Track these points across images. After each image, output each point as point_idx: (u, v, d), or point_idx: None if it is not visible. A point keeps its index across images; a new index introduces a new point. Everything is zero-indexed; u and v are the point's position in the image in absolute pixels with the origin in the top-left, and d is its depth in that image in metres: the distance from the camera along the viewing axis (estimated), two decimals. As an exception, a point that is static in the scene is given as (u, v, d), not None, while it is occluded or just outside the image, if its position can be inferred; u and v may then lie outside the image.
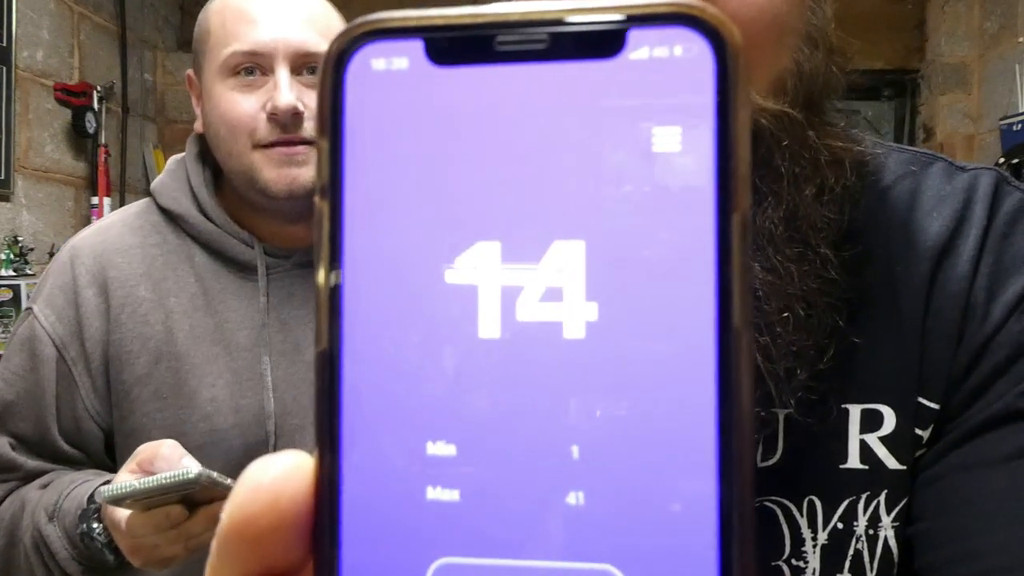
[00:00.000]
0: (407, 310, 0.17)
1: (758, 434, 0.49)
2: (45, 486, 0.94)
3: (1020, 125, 2.24)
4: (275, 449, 0.96)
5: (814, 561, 0.50)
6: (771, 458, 0.50)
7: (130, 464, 0.79)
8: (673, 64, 0.16)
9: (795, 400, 0.47)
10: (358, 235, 0.17)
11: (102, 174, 2.40)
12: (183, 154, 1.03)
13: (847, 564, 0.50)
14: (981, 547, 0.45)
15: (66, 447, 0.95)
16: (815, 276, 0.46)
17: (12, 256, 2.03)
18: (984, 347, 0.47)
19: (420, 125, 0.17)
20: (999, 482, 0.45)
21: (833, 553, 0.49)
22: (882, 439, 0.49)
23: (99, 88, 2.38)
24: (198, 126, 0.99)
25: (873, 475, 0.49)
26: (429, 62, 0.17)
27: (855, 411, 0.49)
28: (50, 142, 2.24)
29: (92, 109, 2.34)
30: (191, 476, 0.68)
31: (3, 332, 1.97)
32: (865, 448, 0.49)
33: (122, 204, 2.53)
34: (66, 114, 2.28)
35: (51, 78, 2.22)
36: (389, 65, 0.17)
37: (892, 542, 0.49)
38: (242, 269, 0.98)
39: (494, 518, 0.17)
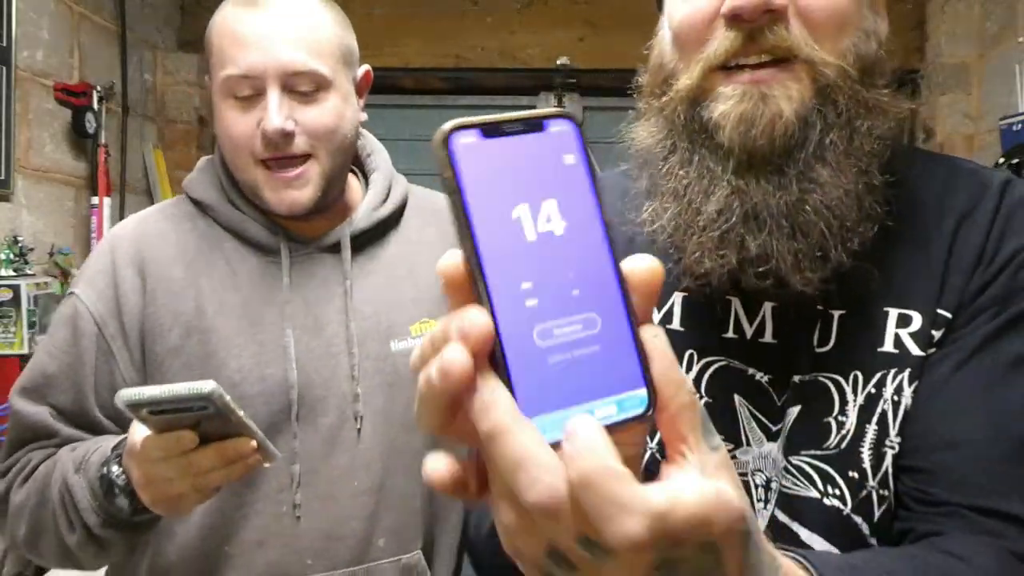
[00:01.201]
0: (508, 261, 0.36)
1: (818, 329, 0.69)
2: (75, 448, 0.98)
3: (1020, 125, 2.24)
4: (297, 418, 1.02)
5: (852, 416, 0.67)
6: (826, 345, 0.69)
7: None
8: (561, 132, 0.39)
9: (844, 304, 0.68)
10: (479, 220, 0.36)
11: (102, 174, 2.40)
12: (213, 155, 1.11)
13: (875, 419, 0.67)
14: (956, 435, 0.63)
15: (102, 418, 1.00)
16: (864, 182, 0.66)
17: (12, 256, 2.03)
18: (987, 284, 0.67)
19: (481, 163, 0.37)
20: (967, 377, 0.64)
21: (866, 411, 0.67)
22: (911, 334, 0.67)
23: (99, 88, 2.38)
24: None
25: (901, 357, 0.67)
26: (481, 136, 0.37)
27: (893, 313, 0.68)
28: (50, 142, 2.24)
29: (92, 109, 2.34)
30: (206, 390, 0.71)
31: (3, 332, 1.97)
32: (897, 339, 0.68)
33: (122, 204, 2.53)
34: (66, 114, 2.28)
35: (51, 78, 2.22)
36: (467, 139, 0.37)
37: (911, 408, 0.66)
38: (267, 253, 1.05)
39: (559, 308, 0.37)
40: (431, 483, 0.38)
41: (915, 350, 0.66)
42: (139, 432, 0.80)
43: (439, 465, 0.38)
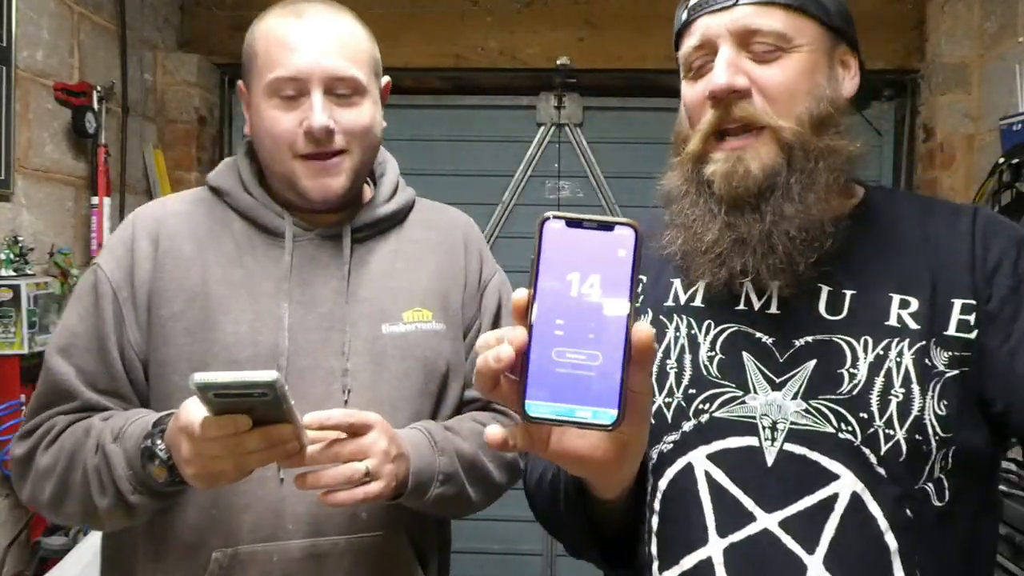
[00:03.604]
0: (552, 303, 0.57)
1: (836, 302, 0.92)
2: (107, 419, 1.04)
3: (1020, 125, 2.24)
4: (285, 383, 1.04)
5: (863, 370, 0.88)
6: (839, 315, 0.91)
7: None
8: (623, 234, 0.56)
9: (854, 287, 0.91)
10: (544, 273, 0.56)
11: (102, 174, 2.40)
12: (235, 156, 1.20)
13: (882, 373, 0.87)
14: None
15: (124, 374, 1.08)
16: (822, 208, 0.90)
17: (12, 256, 2.03)
18: (991, 276, 0.90)
19: (559, 240, 0.56)
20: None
21: (875, 366, 0.88)
22: (910, 314, 0.89)
23: (99, 88, 2.38)
24: (247, 129, 1.15)
25: (902, 330, 0.89)
26: (565, 225, 0.56)
27: (896, 298, 0.90)
28: (50, 142, 2.24)
29: (92, 109, 2.33)
30: (271, 378, 0.78)
31: (3, 332, 1.97)
32: (899, 317, 0.90)
33: (122, 204, 2.53)
34: (66, 114, 2.27)
35: (51, 78, 2.22)
36: (555, 224, 0.56)
37: (911, 368, 0.87)
38: (273, 235, 1.13)
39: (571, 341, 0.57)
40: (490, 443, 0.63)
41: (913, 325, 0.89)
42: (196, 412, 0.86)
43: (495, 430, 0.63)
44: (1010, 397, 0.87)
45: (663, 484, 0.93)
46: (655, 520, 0.93)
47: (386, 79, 1.19)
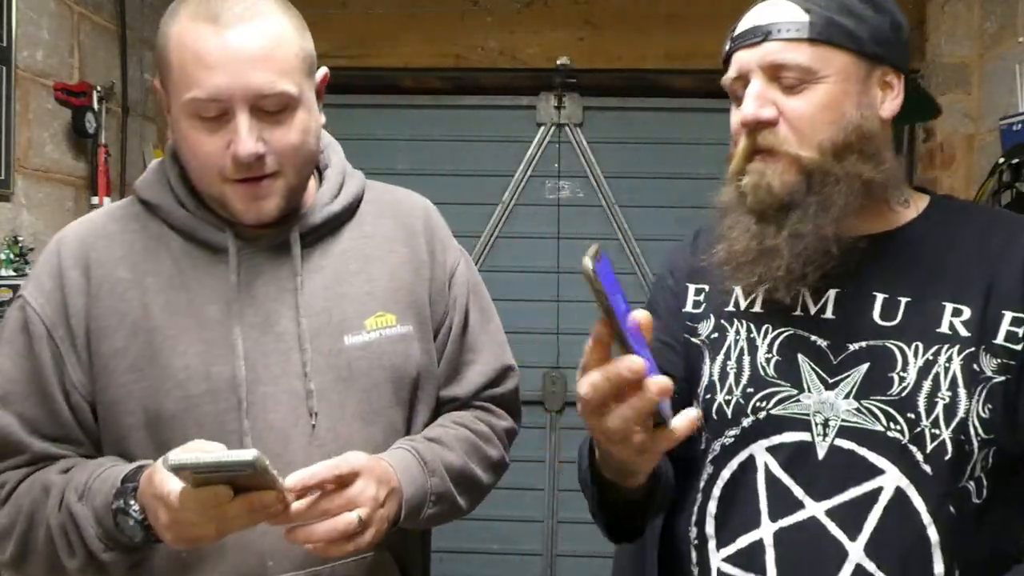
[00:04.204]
0: (626, 319, 0.69)
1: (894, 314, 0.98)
2: (66, 471, 0.98)
3: (1020, 125, 2.24)
4: (247, 415, 1.00)
5: (912, 374, 0.94)
6: (892, 321, 0.97)
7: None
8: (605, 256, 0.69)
9: (908, 295, 0.97)
10: (614, 301, 0.67)
11: (102, 174, 2.40)
12: (164, 158, 1.09)
13: (930, 377, 0.93)
14: None
15: (71, 418, 1.00)
16: (836, 226, 0.96)
17: (12, 256, 2.03)
18: None
19: (604, 271, 0.67)
20: None
21: (924, 371, 0.94)
22: (962, 322, 0.95)
23: (99, 88, 2.38)
24: (170, 133, 1.06)
25: (953, 337, 0.94)
26: (601, 258, 0.67)
27: (949, 307, 0.96)
28: (50, 142, 2.24)
29: (92, 109, 2.34)
30: (249, 458, 0.76)
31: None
32: (951, 324, 0.95)
33: (122, 204, 2.53)
34: (66, 114, 2.28)
35: (51, 78, 2.22)
36: (596, 260, 0.66)
37: (959, 373, 0.93)
38: (215, 251, 1.03)
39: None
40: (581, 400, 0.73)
41: (964, 332, 0.95)
42: (172, 483, 0.83)
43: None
44: None
45: (726, 473, 1.03)
46: (713, 505, 1.03)
47: (323, 71, 1.06)
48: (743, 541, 0.99)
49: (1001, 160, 2.26)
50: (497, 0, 2.86)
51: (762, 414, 1.00)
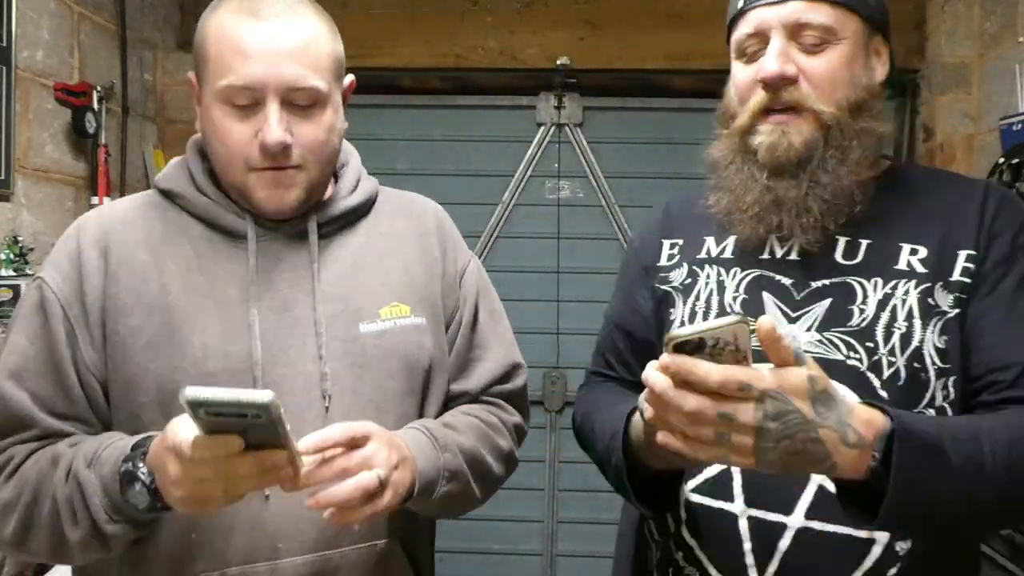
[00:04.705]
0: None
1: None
2: (74, 445, 0.98)
3: (1020, 125, 2.24)
4: (281, 407, 0.99)
5: (871, 307, 1.01)
6: (854, 260, 1.04)
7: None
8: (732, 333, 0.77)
9: (870, 237, 1.05)
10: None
11: (102, 174, 2.40)
12: (184, 156, 1.12)
13: (888, 308, 1.01)
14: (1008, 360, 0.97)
15: (83, 397, 1.01)
16: (854, 179, 1.04)
17: (12, 256, 2.03)
18: (991, 242, 1.02)
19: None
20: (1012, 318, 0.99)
21: (882, 303, 1.01)
22: (919, 259, 1.02)
23: (99, 88, 2.38)
24: (198, 125, 1.07)
25: (909, 272, 1.02)
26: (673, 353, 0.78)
27: (906, 247, 1.03)
28: (50, 142, 2.24)
29: (92, 109, 2.34)
30: (265, 400, 0.74)
31: (2, 332, 1.97)
32: (908, 262, 1.02)
33: (122, 204, 2.53)
34: (66, 114, 2.28)
35: (51, 78, 2.22)
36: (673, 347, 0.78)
37: (915, 306, 1.00)
38: (234, 237, 1.06)
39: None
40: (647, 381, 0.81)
41: (920, 269, 1.02)
42: (186, 431, 0.82)
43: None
44: (971, 341, 1.00)
45: None
46: None
47: (350, 78, 1.12)
48: (711, 470, 1.04)
49: (1001, 160, 2.26)
50: (497, 0, 2.86)
51: None
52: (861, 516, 0.84)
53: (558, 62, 2.82)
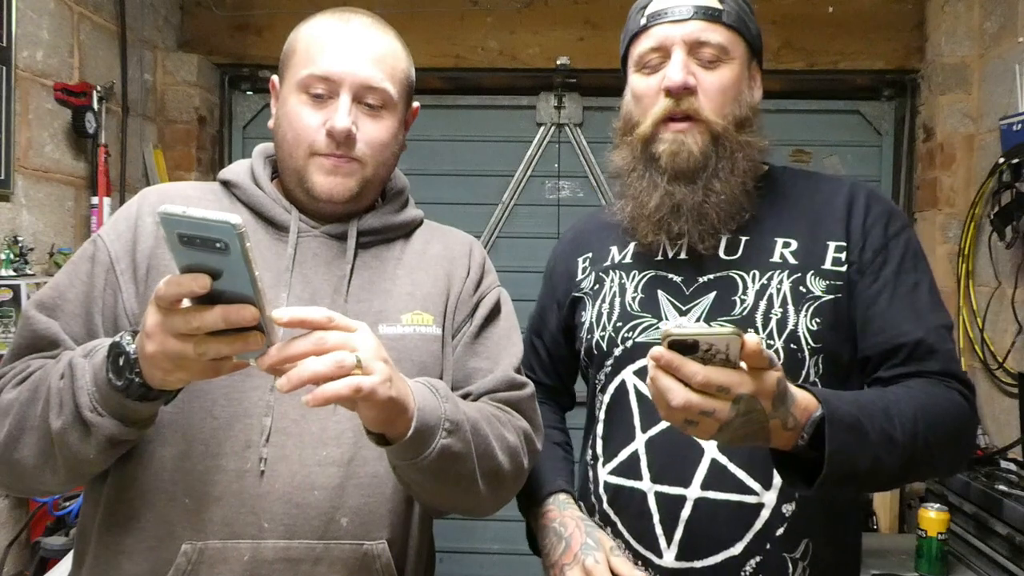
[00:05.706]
0: None
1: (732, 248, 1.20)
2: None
3: (1020, 125, 2.24)
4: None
5: (751, 297, 1.14)
6: (735, 255, 1.17)
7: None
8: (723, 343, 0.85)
9: (748, 234, 1.18)
10: None
11: (102, 174, 2.40)
12: (250, 159, 1.21)
13: (765, 296, 1.13)
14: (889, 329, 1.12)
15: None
16: (741, 188, 1.17)
17: (12, 256, 2.03)
18: (866, 233, 1.16)
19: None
20: (896, 298, 1.13)
21: (760, 293, 1.14)
22: (791, 252, 1.16)
23: (99, 88, 2.38)
24: (271, 124, 1.16)
25: (782, 264, 1.15)
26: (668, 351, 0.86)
27: (779, 240, 1.17)
28: (50, 142, 2.24)
29: (92, 109, 2.34)
30: (233, 221, 0.73)
31: (3, 333, 1.97)
32: (782, 255, 1.16)
33: (122, 204, 2.53)
34: (66, 114, 2.28)
35: (51, 78, 2.22)
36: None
37: (788, 293, 1.13)
38: (278, 229, 1.13)
39: None
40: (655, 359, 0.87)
41: (792, 260, 1.15)
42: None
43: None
44: (864, 326, 1.13)
45: (607, 399, 1.23)
46: (600, 428, 1.23)
47: (416, 105, 1.21)
48: (624, 454, 1.18)
49: (1001, 160, 2.27)
50: (497, 0, 2.86)
51: (629, 343, 1.19)
52: (795, 479, 0.97)
53: (558, 62, 2.82)
